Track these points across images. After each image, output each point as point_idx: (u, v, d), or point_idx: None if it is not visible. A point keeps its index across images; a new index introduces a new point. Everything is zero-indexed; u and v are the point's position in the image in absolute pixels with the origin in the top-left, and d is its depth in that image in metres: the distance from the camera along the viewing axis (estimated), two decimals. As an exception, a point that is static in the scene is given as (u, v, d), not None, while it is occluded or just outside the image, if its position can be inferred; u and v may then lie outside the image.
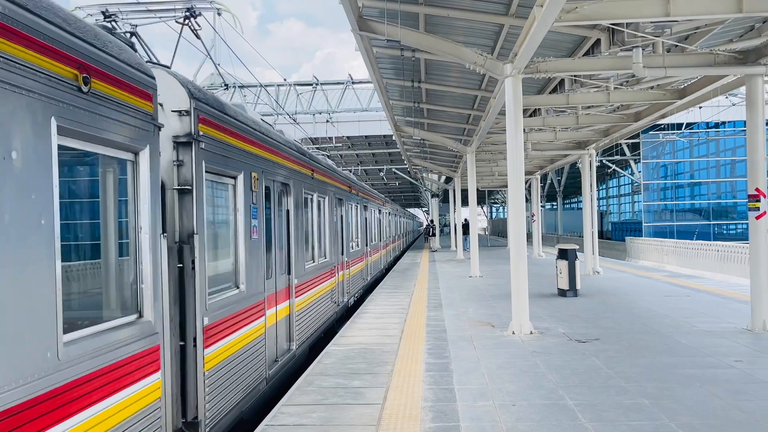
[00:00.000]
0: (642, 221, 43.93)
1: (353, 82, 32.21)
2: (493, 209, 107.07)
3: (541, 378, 7.45)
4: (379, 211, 24.79)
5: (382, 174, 48.27)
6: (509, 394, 6.81)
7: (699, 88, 12.86)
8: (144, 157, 4.46)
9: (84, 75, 3.72)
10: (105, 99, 3.95)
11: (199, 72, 30.91)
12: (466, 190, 22.84)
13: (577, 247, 15.25)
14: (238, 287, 6.70)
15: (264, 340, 7.49)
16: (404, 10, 10.31)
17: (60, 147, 3.50)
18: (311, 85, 33.14)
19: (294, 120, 25.47)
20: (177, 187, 5.37)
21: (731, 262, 19.96)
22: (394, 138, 24.77)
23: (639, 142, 41.66)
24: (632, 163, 47.62)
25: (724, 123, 38.44)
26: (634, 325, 10.85)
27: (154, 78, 4.70)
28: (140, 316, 4.44)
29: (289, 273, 9.11)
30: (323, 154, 16.90)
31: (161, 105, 5.23)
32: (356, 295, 16.79)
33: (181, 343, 5.37)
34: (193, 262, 5.39)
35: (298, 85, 34.02)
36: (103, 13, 7.13)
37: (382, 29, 10.48)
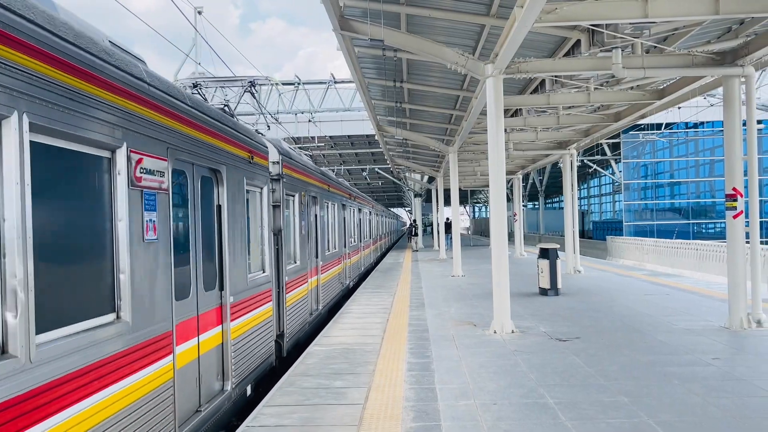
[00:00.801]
0: (623, 220, 44.32)
1: (335, 82, 32.02)
2: (476, 209, 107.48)
3: (522, 377, 7.49)
4: (369, 213, 28.60)
5: (365, 174, 48.20)
6: (490, 393, 6.84)
7: (678, 88, 12.98)
8: (265, 189, 8.65)
9: (251, 155, 7.81)
10: (255, 164, 8.05)
11: (180, 71, 30.60)
12: (449, 189, 22.88)
13: (558, 246, 15.34)
14: (296, 262, 10.87)
15: (308, 297, 11.81)
16: (386, 10, 10.29)
17: (246, 191, 7.59)
18: (293, 84, 32.93)
19: (276, 119, 25.32)
20: (273, 204, 9.21)
21: (710, 261, 20.21)
22: (376, 138, 24.74)
23: (619, 142, 42.02)
24: (613, 162, 48.05)
25: (702, 123, 38.90)
26: (615, 323, 10.95)
27: (267, 147, 8.96)
28: (263, 271, 8.49)
29: (317, 257, 13.13)
30: (306, 154, 17.86)
31: None
32: (354, 279, 20.55)
33: (277, 290, 9.30)
34: (282, 245, 9.62)
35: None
36: (193, 84, 9.99)
37: (363, 29, 10.46)
